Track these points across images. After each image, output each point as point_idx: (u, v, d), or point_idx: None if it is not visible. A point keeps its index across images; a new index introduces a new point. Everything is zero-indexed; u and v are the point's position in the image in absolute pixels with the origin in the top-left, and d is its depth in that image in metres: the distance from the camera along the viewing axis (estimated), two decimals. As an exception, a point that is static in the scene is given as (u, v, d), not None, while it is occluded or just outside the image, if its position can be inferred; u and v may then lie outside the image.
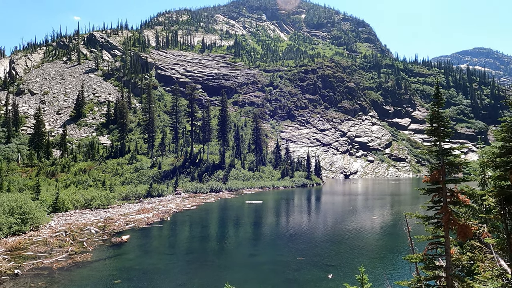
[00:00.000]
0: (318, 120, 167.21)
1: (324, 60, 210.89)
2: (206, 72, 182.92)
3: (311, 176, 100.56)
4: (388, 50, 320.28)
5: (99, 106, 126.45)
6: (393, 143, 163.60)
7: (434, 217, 11.11)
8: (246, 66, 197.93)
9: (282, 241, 31.92)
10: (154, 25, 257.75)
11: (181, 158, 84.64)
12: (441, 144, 11.35)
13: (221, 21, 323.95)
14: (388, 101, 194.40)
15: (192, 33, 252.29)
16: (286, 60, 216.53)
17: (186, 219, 43.30)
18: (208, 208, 52.93)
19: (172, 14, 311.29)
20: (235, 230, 37.48)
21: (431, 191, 11.40)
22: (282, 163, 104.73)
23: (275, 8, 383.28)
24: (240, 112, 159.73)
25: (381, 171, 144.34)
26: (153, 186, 61.87)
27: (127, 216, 42.13)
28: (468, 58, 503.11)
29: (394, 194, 77.48)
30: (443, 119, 11.31)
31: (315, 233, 35.70)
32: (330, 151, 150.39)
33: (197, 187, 70.62)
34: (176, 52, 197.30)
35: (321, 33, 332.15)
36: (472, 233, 11.12)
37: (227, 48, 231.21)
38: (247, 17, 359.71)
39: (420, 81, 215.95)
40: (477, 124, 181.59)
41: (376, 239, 33.42)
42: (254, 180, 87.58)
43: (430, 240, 11.34)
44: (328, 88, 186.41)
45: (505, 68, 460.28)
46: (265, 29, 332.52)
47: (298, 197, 71.80)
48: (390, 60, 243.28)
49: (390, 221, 43.23)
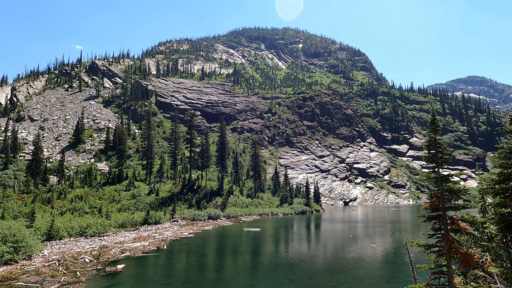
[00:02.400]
0: (317, 146, 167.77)
1: (321, 87, 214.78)
2: (206, 99, 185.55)
3: (310, 203, 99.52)
4: (384, 78, 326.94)
5: (99, 133, 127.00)
6: (392, 170, 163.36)
7: (436, 245, 10.92)
8: (245, 93, 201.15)
9: (281, 271, 31.09)
10: (155, 53, 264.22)
11: (179, 185, 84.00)
12: (440, 171, 11.37)
13: (221, 50, 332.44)
14: (386, 127, 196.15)
15: (192, 61, 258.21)
16: (284, 88, 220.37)
17: (183, 247, 42.36)
18: (205, 236, 51.92)
19: (173, 44, 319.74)
20: (232, 259, 36.59)
21: (431, 218, 11.29)
22: (281, 189, 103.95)
23: (273, 38, 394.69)
24: (238, 139, 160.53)
25: (381, 198, 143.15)
26: (150, 213, 60.96)
27: (122, 244, 41.21)
28: (463, 86, 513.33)
29: (395, 221, 76.39)
30: (440, 145, 11.39)
31: (315, 262, 34.85)
32: (329, 178, 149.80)
33: (195, 214, 69.62)
34: (176, 79, 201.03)
35: (318, 62, 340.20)
36: (475, 262, 10.89)
37: (226, 76, 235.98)
38: (246, 46, 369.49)
39: (417, 108, 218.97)
40: (475, 150, 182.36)
41: (377, 268, 32.60)
42: (253, 207, 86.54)
43: (432, 270, 11.08)
44: (326, 115, 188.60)
45: (499, 95, 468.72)
46: (263, 58, 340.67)
47: (297, 224, 70.67)
48: (387, 87, 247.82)
49: (391, 249, 42.36)
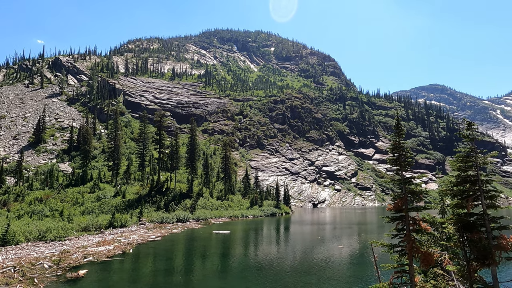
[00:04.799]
0: (287, 149, 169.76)
1: (292, 91, 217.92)
2: (176, 99, 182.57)
3: (280, 205, 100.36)
4: (352, 83, 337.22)
5: (61, 132, 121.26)
6: (359, 173, 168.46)
7: (399, 245, 11.33)
8: (217, 95, 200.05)
9: (250, 273, 31.03)
10: (123, 51, 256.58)
11: (147, 187, 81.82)
12: (403, 173, 11.83)
13: (192, 51, 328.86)
14: (354, 131, 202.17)
15: (163, 61, 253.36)
16: (256, 90, 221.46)
17: (150, 251, 41.24)
18: (173, 239, 50.86)
19: (143, 42, 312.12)
20: (201, 262, 36.08)
21: (395, 219, 11.72)
22: (251, 192, 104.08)
23: (246, 40, 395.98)
24: (209, 140, 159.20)
25: (348, 200, 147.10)
26: (116, 216, 58.85)
27: (85, 249, 39.45)
28: (425, 93, 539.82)
29: (361, 223, 78.72)
30: (404, 149, 11.86)
31: (284, 264, 35.11)
32: (298, 180, 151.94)
33: (163, 216, 68.05)
34: (146, 79, 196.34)
35: (290, 66, 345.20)
36: (434, 261, 11.40)
37: (197, 77, 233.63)
38: (218, 47, 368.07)
39: (383, 113, 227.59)
40: (436, 155, 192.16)
41: (344, 269, 33.38)
42: (223, 209, 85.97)
43: (395, 269, 11.48)
44: (297, 118, 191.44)
45: (458, 103, 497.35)
46: (235, 60, 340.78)
47: (267, 226, 70.99)
48: (355, 93, 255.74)
49: (357, 250, 43.56)
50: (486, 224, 11.24)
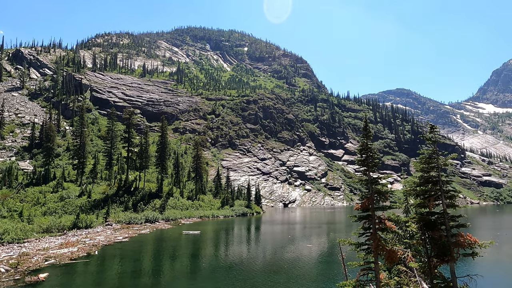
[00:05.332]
0: (259, 149, 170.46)
1: (265, 92, 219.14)
2: (146, 97, 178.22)
3: (251, 205, 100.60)
4: (324, 85, 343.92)
5: (22, 128, 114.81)
6: (329, 173, 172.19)
7: (365, 244, 11.71)
8: (189, 93, 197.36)
9: (220, 273, 30.87)
10: (91, 46, 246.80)
11: (114, 186, 79.22)
12: (370, 174, 12.23)
13: (164, 48, 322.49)
14: (324, 133, 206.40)
15: (133, 57, 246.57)
16: (229, 90, 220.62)
17: (117, 252, 39.96)
18: (142, 239, 49.61)
19: (112, 37, 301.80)
20: (170, 263, 35.43)
21: (362, 218, 12.09)
22: (223, 191, 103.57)
23: (219, 39, 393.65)
24: (180, 139, 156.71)
25: (318, 200, 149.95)
26: (81, 217, 56.53)
27: (47, 251, 37.59)
28: (392, 97, 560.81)
29: (330, 222, 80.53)
30: (371, 150, 12.26)
31: (254, 264, 35.22)
32: (270, 180, 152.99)
33: (131, 217, 66.18)
34: (115, 75, 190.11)
35: (263, 66, 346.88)
36: (398, 258, 11.87)
37: (169, 74, 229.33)
38: (191, 45, 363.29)
39: (352, 115, 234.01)
40: (401, 156, 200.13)
41: (313, 267, 33.99)
42: (193, 209, 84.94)
43: (361, 266, 11.84)
44: (269, 118, 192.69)
45: (422, 107, 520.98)
46: (208, 59, 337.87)
47: (238, 226, 70.92)
48: (326, 95, 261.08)
49: (326, 249, 44.50)
50: (446, 222, 11.84)
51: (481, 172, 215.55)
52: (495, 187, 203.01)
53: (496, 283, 26.64)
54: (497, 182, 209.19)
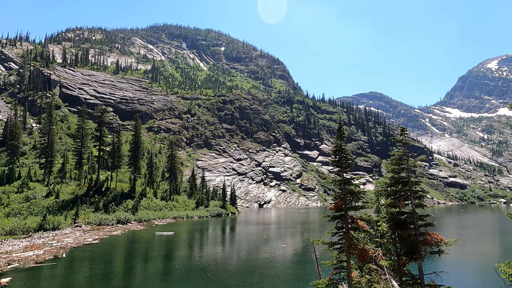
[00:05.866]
0: (235, 149, 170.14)
1: (241, 92, 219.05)
2: (120, 95, 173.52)
3: (227, 206, 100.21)
4: (299, 87, 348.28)
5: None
6: (304, 174, 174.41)
7: (338, 243, 11.95)
8: (164, 92, 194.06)
9: (194, 275, 30.50)
10: (61, 40, 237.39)
11: (84, 186, 76.49)
12: (344, 174, 12.50)
13: (139, 45, 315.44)
14: (299, 134, 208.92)
15: (106, 53, 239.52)
16: (205, 89, 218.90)
17: (86, 255, 38.59)
18: (113, 241, 48.18)
19: (84, 31, 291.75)
20: (142, 265, 34.62)
21: (335, 218, 12.33)
22: (198, 192, 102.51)
23: (196, 38, 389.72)
24: (155, 139, 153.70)
25: (293, 200, 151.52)
26: (48, 218, 54.15)
27: (10, 254, 35.73)
28: (365, 100, 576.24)
29: (304, 222, 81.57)
30: (344, 151, 12.53)
31: (229, 264, 35.09)
32: (245, 181, 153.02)
33: (102, 218, 64.15)
34: (86, 71, 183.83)
35: (240, 67, 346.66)
36: (369, 257, 12.21)
37: (143, 72, 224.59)
38: (167, 43, 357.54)
39: (327, 117, 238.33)
40: (373, 158, 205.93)
41: (287, 267, 34.28)
42: (167, 210, 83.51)
43: (334, 265, 12.08)
44: (245, 119, 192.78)
45: (393, 111, 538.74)
46: (184, 57, 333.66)
47: (212, 227, 70.42)
48: (301, 97, 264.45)
49: (300, 248, 45.02)
50: (415, 221, 12.29)
51: (447, 174, 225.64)
52: (460, 188, 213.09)
53: (460, 279, 27.93)
54: (462, 183, 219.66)
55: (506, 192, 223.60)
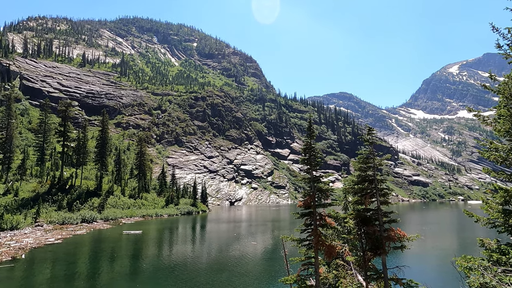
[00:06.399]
0: (206, 147, 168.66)
1: (214, 89, 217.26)
2: (86, 88, 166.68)
3: (197, 203, 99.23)
4: (272, 86, 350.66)
5: None
6: (275, 172, 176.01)
7: (306, 239, 12.18)
8: (133, 86, 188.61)
9: (162, 274, 29.97)
10: (22, 29, 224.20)
11: (46, 184, 72.88)
12: (313, 172, 12.74)
13: (107, 37, 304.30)
14: (271, 132, 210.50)
15: (72, 45, 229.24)
16: (176, 85, 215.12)
17: (48, 255, 36.84)
18: (77, 241, 46.33)
19: (47, 21, 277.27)
20: (108, 265, 33.55)
21: (304, 215, 12.56)
22: (168, 190, 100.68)
23: (167, 33, 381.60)
24: (123, 135, 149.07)
25: (264, 198, 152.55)
26: (5, 217, 51.11)
27: (-39, 257, 33.42)
28: (336, 100, 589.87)
29: (275, 220, 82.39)
30: (314, 149, 12.77)
31: (198, 263, 34.79)
32: (217, 178, 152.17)
33: (65, 217, 61.44)
34: (50, 63, 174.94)
35: (212, 63, 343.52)
36: (336, 253, 12.54)
37: (112, 65, 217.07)
38: (137, 37, 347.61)
39: (298, 116, 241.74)
40: (342, 156, 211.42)
41: (257, 264, 34.50)
42: (135, 208, 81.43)
43: (302, 261, 12.32)
44: (217, 116, 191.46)
45: (362, 111, 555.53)
46: (155, 52, 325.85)
47: (182, 225, 69.49)
48: (274, 95, 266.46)
49: (270, 246, 45.43)
50: (379, 218, 12.75)
51: (411, 172, 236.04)
52: (422, 186, 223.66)
53: (421, 272, 29.34)
54: (424, 181, 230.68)
55: (464, 190, 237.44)
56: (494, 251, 12.65)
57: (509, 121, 14.30)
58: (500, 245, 13.11)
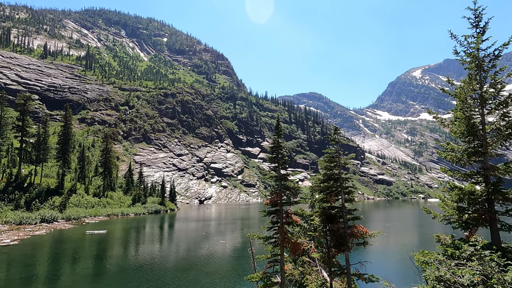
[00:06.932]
0: (176, 144, 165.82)
1: (184, 86, 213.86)
2: (48, 81, 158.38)
3: (165, 202, 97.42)
4: (243, 84, 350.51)
5: None
6: (245, 170, 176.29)
7: (273, 237, 12.34)
8: (99, 81, 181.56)
9: (128, 275, 29.14)
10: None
11: (2, 182, 68.54)
12: (280, 170, 12.90)
13: (71, 28, 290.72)
14: (242, 131, 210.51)
15: (32, 35, 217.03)
16: (145, 81, 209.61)
17: (2, 257, 34.69)
18: (35, 242, 43.97)
19: (5, 8, 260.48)
20: (70, 267, 32.14)
21: (271, 212, 12.69)
22: (134, 188, 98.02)
23: (136, 26, 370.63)
24: (88, 131, 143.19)
25: (234, 196, 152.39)
26: (-46, 218, 47.58)
27: None
28: (306, 100, 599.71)
29: (244, 218, 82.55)
30: (281, 148, 12.92)
31: (166, 262, 34.16)
32: (186, 177, 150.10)
33: (23, 216, 58.13)
34: (7, 53, 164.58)
35: (183, 59, 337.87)
36: (301, 250, 12.79)
37: (76, 58, 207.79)
38: (104, 29, 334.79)
39: (269, 115, 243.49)
40: (311, 155, 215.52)
41: (225, 263, 34.42)
42: (100, 207, 78.59)
43: (269, 259, 12.45)
44: (187, 113, 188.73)
45: (331, 111, 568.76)
46: (123, 46, 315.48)
47: (150, 224, 67.93)
48: (245, 94, 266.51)
49: (238, 244, 45.48)
50: (344, 215, 13.12)
51: (377, 171, 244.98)
52: (386, 184, 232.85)
53: (382, 267, 30.55)
54: (389, 180, 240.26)
55: (424, 189, 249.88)
56: (449, 246, 13.38)
57: (464, 124, 15.19)
58: (454, 240, 13.88)
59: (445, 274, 11.13)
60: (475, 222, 14.20)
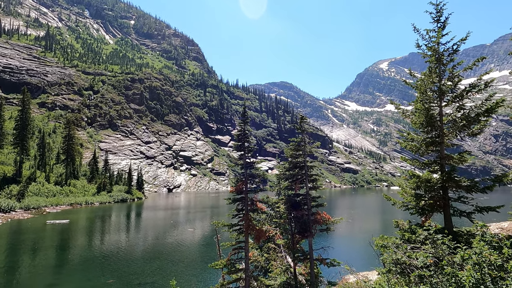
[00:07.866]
0: (143, 132, 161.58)
1: (152, 71, 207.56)
2: (3, 63, 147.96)
3: (132, 190, 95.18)
4: (214, 71, 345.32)
5: None
6: (215, 158, 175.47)
7: (237, 224, 12.41)
8: (60, 63, 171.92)
9: (92, 264, 28.34)
10: None
11: (-49, 169, 63.85)
12: (246, 158, 12.90)
13: (29, 6, 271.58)
14: (212, 118, 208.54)
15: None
16: (111, 65, 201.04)
17: (-48, 250, 32.54)
18: (-10, 233, 41.58)
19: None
20: (29, 258, 30.74)
21: (236, 200, 12.73)
22: (100, 176, 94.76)
23: (101, 7, 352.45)
24: (48, 116, 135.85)
25: (203, 185, 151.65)
26: None
27: None
28: (276, 89, 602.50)
29: (214, 206, 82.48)
30: (247, 135, 12.90)
31: (132, 251, 33.54)
32: (154, 164, 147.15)
33: (-24, 206, 54.67)
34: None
35: (151, 44, 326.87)
36: (266, 236, 12.98)
37: (35, 38, 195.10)
38: (65, 8, 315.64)
39: (240, 103, 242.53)
40: (281, 144, 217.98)
41: (192, 251, 34.36)
42: (62, 196, 75.42)
43: (233, 246, 12.54)
44: (156, 100, 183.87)
45: (301, 101, 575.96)
46: (87, 27, 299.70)
47: (115, 213, 66.19)
48: (216, 81, 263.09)
49: (207, 232, 45.48)
50: (308, 202, 13.41)
51: (344, 160, 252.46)
52: (353, 173, 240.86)
53: (343, 252, 31.78)
54: (355, 169, 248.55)
55: (388, 177, 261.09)
56: (406, 231, 14.08)
57: (423, 115, 15.87)
58: (411, 225, 14.62)
59: (402, 257, 11.72)
60: (430, 208, 15.02)
